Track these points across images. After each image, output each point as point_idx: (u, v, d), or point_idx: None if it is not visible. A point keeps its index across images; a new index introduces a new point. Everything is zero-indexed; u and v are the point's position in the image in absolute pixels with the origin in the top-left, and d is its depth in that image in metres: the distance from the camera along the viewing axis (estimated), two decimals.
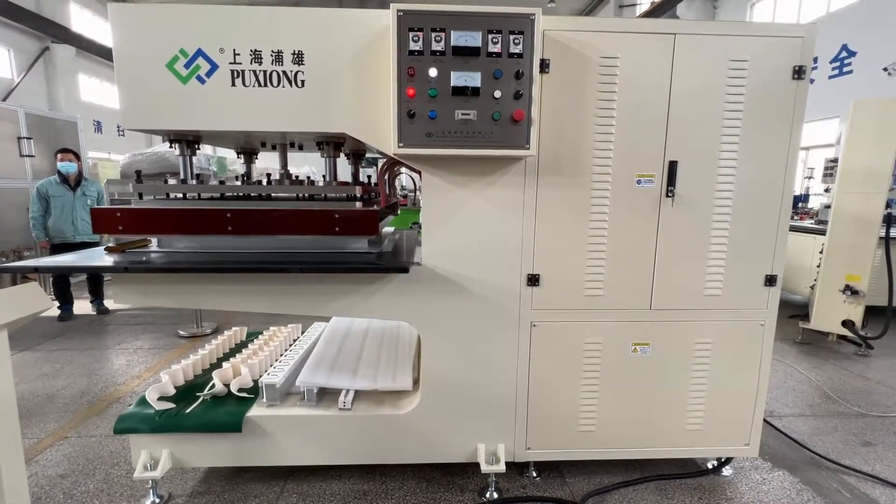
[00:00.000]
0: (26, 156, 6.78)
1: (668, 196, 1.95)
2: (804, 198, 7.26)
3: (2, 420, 1.44)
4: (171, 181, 2.08)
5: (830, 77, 8.76)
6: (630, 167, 1.93)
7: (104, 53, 14.47)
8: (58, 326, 4.63)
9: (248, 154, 2.58)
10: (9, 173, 6.65)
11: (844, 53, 8.53)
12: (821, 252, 4.16)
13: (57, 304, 4.82)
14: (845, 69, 8.54)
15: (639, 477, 2.22)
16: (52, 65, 12.90)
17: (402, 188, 5.89)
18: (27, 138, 6.74)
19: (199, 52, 1.75)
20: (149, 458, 1.99)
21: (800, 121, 1.93)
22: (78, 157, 4.82)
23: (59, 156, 4.68)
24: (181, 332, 4.35)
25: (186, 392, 2.19)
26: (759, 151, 1.95)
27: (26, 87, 12.07)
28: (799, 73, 1.89)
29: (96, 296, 5.11)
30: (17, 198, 6.73)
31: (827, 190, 5.45)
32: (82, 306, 5.12)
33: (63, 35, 12.71)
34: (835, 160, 5.38)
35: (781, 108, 1.92)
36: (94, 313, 5.05)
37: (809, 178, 7.53)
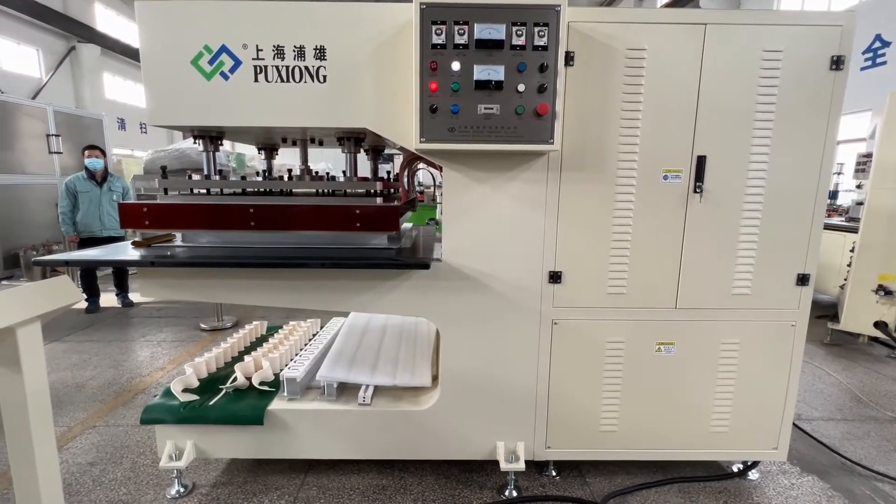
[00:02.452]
0: (55, 152, 6.99)
1: (695, 192, 1.90)
2: (833, 194, 7.01)
3: (36, 409, 1.48)
4: (195, 177, 2.11)
5: (863, 68, 8.41)
6: (656, 162, 1.88)
7: (127, 52, 14.80)
8: (85, 318, 4.76)
9: (269, 150, 2.60)
10: (38, 170, 6.87)
11: (878, 44, 8.17)
12: (851, 250, 4.01)
13: (84, 296, 4.96)
14: (879, 60, 8.18)
15: (661, 479, 2.18)
16: (78, 64, 13.25)
17: (419, 184, 5.88)
18: (55, 135, 6.94)
19: (223, 49, 1.76)
20: (174, 449, 2.03)
21: (837, 113, 1.85)
22: (104, 153, 4.94)
23: (86, 152, 4.81)
24: (203, 326, 4.43)
25: (209, 384, 2.22)
26: (793, 145, 1.87)
27: (54, 85, 12.42)
28: (837, 63, 1.81)
29: (122, 289, 5.25)
30: (45, 194, 6.95)
31: (859, 186, 5.25)
32: (108, 299, 5.27)
33: (88, 35, 13.04)
34: (868, 155, 5.17)
35: (817, 101, 1.84)
36: (120, 306, 5.19)
37: (839, 173, 7.26)
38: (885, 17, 7.99)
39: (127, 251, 2.02)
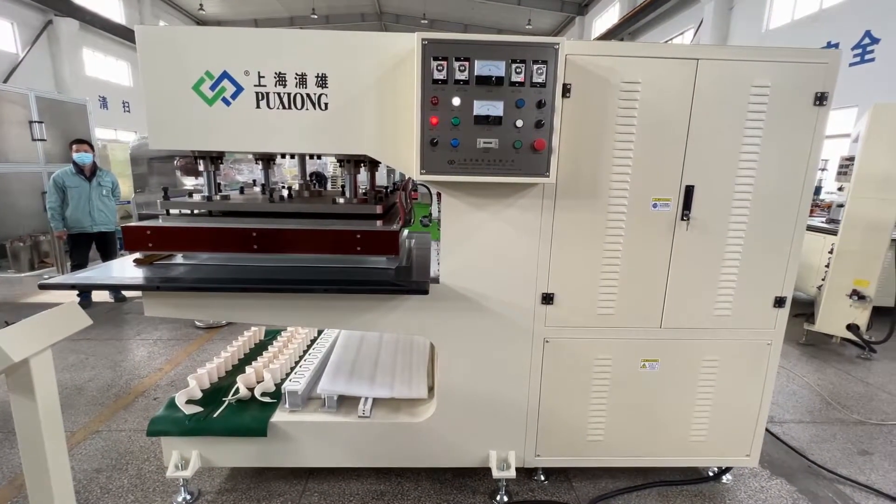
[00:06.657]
0: (38, 140, 6.82)
1: (683, 219, 1.98)
2: (816, 190, 7.18)
3: (49, 431, 1.55)
4: (196, 196, 2.13)
5: (851, 64, 8.50)
6: (647, 191, 1.96)
7: (108, 27, 14.26)
8: None
9: (267, 161, 2.61)
10: (22, 158, 6.70)
11: (867, 40, 8.25)
12: (830, 252, 4.17)
13: (76, 291, 4.95)
14: (867, 56, 8.28)
15: (642, 483, 2.34)
16: (56, 39, 12.76)
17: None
18: (38, 122, 6.76)
19: (225, 75, 1.77)
20: (179, 459, 2.12)
21: (818, 148, 1.94)
22: (92, 147, 4.85)
23: (73, 147, 4.72)
24: (198, 323, 4.47)
25: (212, 395, 2.30)
26: (776, 177, 1.96)
27: (31, 62, 11.97)
28: (821, 99, 1.88)
29: None
30: (31, 182, 6.80)
31: (840, 189, 5.40)
32: (100, 293, 5.25)
33: (66, 8, 12.53)
34: (850, 159, 5.31)
35: (800, 134, 1.92)
36: (112, 300, 5.19)
37: (823, 170, 7.42)
38: (874, 15, 8.06)
39: (129, 270, 2.05)
